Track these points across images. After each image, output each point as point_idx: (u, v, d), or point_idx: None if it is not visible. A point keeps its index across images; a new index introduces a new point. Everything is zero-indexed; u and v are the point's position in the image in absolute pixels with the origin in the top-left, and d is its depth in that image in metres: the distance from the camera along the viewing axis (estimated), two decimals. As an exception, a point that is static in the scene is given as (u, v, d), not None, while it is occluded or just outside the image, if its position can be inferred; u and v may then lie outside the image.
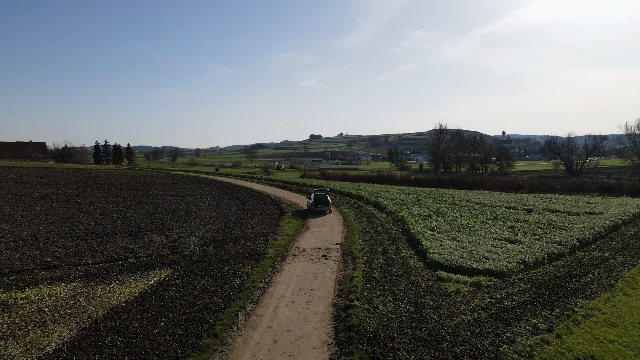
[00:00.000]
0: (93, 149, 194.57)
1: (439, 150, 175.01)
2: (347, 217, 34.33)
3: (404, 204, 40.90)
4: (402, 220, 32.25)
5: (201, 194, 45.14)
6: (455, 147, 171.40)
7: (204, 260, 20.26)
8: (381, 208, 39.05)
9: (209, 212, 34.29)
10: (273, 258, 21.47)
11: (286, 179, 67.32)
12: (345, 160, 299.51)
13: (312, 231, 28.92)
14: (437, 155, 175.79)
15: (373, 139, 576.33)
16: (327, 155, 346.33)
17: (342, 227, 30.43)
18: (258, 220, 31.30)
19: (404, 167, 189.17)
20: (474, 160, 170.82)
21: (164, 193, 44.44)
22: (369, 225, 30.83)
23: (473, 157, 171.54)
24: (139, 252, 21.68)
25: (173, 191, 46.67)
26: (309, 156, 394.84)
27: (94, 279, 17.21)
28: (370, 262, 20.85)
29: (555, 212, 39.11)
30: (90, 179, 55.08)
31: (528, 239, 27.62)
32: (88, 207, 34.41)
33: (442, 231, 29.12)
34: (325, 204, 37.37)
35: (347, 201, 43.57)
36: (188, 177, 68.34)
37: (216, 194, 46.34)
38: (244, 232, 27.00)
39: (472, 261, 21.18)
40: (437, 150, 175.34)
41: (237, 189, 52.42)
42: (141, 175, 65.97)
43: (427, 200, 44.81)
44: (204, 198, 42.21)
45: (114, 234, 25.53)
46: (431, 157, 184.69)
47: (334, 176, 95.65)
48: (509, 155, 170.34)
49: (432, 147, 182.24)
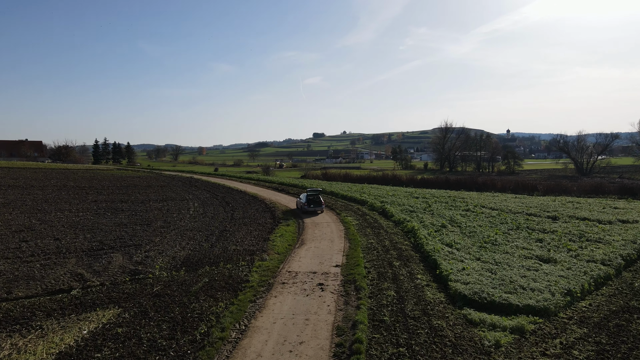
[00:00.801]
0: (92, 147, 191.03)
1: (444, 149, 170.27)
2: (349, 227, 29.85)
3: (413, 211, 36.37)
4: (413, 232, 27.76)
5: (188, 199, 40.78)
6: (461, 145, 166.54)
7: (166, 294, 15.84)
8: (388, 216, 34.56)
9: (192, 221, 29.90)
10: (256, 288, 17.02)
11: (285, 181, 62.85)
12: (348, 158, 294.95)
13: (307, 247, 24.46)
14: (442, 154, 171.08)
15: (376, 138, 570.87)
16: (330, 154, 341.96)
17: (344, 241, 25.94)
18: (246, 233, 26.87)
19: (408, 166, 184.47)
20: (480, 159, 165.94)
21: (147, 198, 40.13)
22: (375, 239, 26.35)
23: (479, 155, 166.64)
24: (90, 280, 17.27)
25: (158, 195, 42.35)
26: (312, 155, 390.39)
27: (8, 326, 12.81)
28: (378, 295, 16.38)
29: (583, 221, 34.54)
30: (70, 181, 50.82)
31: (563, 257, 23.14)
32: (52, 216, 30.08)
33: (462, 247, 24.60)
34: (317, 204, 36.39)
35: (350, 207, 39.09)
36: (180, 178, 63.95)
37: (205, 198, 41.95)
38: (227, 249, 22.56)
39: (506, 293, 16.68)
40: (442, 149, 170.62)
41: (230, 192, 48.04)
42: (129, 177, 61.63)
43: (439, 206, 40.28)
44: (191, 204, 37.84)
45: (69, 252, 21.15)
46: (436, 155, 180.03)
47: (336, 176, 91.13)
48: (516, 153, 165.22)
49: (437, 145, 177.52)
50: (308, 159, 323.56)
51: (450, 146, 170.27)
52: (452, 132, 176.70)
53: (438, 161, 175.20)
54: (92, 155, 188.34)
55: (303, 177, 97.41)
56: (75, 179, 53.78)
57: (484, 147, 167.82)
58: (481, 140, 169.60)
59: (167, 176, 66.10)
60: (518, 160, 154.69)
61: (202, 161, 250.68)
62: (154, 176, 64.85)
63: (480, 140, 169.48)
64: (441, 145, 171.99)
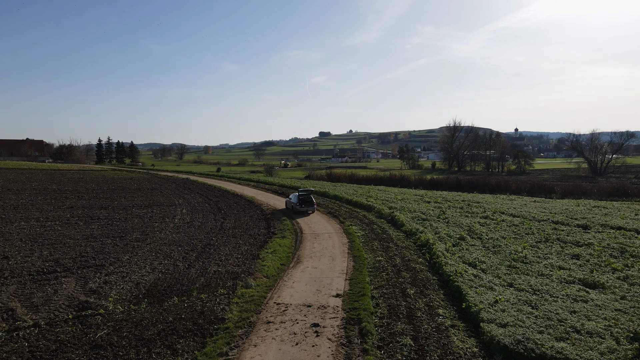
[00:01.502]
0: (96, 147, 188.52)
1: (452, 148, 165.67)
2: (354, 239, 25.88)
3: (426, 219, 32.30)
4: (427, 247, 23.74)
5: (177, 204, 36.97)
6: (470, 144, 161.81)
7: (111, 343, 11.97)
8: (398, 225, 30.53)
9: (174, 232, 26.06)
10: (232, 331, 13.10)
11: (286, 183, 58.84)
12: (354, 158, 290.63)
13: (304, 266, 20.51)
14: (450, 153, 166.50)
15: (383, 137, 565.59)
16: (336, 153, 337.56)
17: (347, 259, 21.95)
18: (234, 247, 22.98)
19: (415, 166, 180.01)
20: (489, 159, 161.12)
21: (132, 203, 36.39)
22: (384, 255, 22.37)
23: (488, 155, 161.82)
24: (20, 319, 13.46)
25: (145, 200, 38.57)
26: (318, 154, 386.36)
27: None
28: (390, 344, 12.40)
29: (619, 230, 30.37)
30: (54, 184, 47.10)
31: (611, 280, 19.11)
32: (14, 226, 26.31)
33: (488, 267, 20.56)
34: (309, 204, 35.85)
35: (355, 214, 35.10)
36: (176, 179, 60.10)
37: (196, 203, 38.11)
38: (206, 270, 18.66)
39: (558, 340, 12.66)
40: (450, 148, 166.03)
41: (225, 195, 44.20)
42: (121, 178, 57.84)
43: (453, 213, 36.18)
44: (178, 210, 34.03)
45: (12, 276, 17.32)
46: (444, 155, 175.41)
47: (341, 177, 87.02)
48: (526, 153, 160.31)
49: (445, 144, 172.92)
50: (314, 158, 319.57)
51: (458, 145, 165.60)
52: (460, 130, 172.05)
53: (446, 160, 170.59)
54: (96, 155, 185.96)
55: (307, 177, 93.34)
56: (61, 181, 50.11)
57: (494, 146, 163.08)
58: (490, 139, 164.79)
59: (163, 177, 62.28)
60: (529, 159, 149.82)
61: (206, 160, 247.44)
62: (148, 177, 61.11)
63: (489, 139, 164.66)
64: (449, 144, 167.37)
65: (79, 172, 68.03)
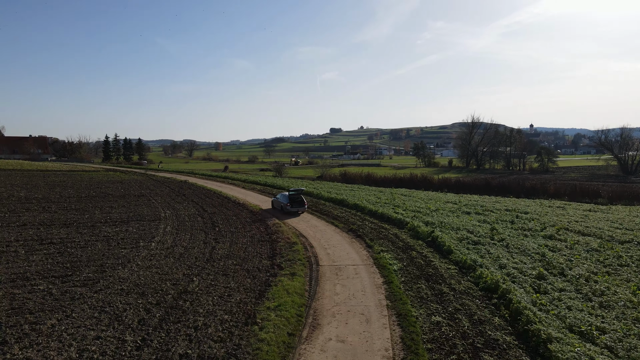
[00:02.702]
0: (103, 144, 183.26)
1: (470, 145, 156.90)
2: (391, 279, 18.40)
3: (478, 242, 24.63)
4: (501, 296, 16.20)
5: (163, 218, 29.70)
6: (489, 141, 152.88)
7: None
8: (443, 251, 22.95)
9: (143, 267, 18.80)
10: None
11: (297, 186, 51.38)
12: (367, 154, 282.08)
13: (324, 338, 13.11)
14: (468, 150, 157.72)
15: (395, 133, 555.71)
16: (348, 150, 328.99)
17: (389, 320, 14.42)
18: (220, 297, 15.65)
19: (431, 163, 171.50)
20: (509, 156, 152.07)
21: (107, 217, 29.21)
22: (441, 312, 14.91)
23: (509, 152, 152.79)
24: None
25: (125, 212, 31.37)
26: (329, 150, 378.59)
27: None
28: None
29: None
30: (23, 190, 39.60)
31: None
32: None
33: (613, 341, 13.02)
34: (299, 204, 34.44)
35: (383, 231, 27.58)
36: (171, 182, 52.56)
37: (187, 217, 30.86)
38: (166, 356, 11.41)
39: None
40: (468, 145, 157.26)
41: (225, 204, 36.87)
42: (109, 182, 50.26)
43: (506, 229, 28.50)
44: (161, 227, 26.80)
45: None
46: (461, 152, 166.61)
47: (357, 178, 79.21)
48: (549, 150, 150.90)
49: (462, 141, 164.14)
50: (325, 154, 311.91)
51: (477, 142, 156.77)
52: (478, 127, 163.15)
53: (463, 158, 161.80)
54: (103, 152, 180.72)
55: (319, 178, 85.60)
56: (36, 186, 42.98)
57: (514, 143, 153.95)
58: (511, 136, 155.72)
59: (158, 180, 54.88)
60: (552, 156, 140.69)
61: (216, 157, 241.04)
62: (141, 180, 53.96)
63: (510, 135, 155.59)
64: (467, 141, 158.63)
65: (66, 173, 60.98)
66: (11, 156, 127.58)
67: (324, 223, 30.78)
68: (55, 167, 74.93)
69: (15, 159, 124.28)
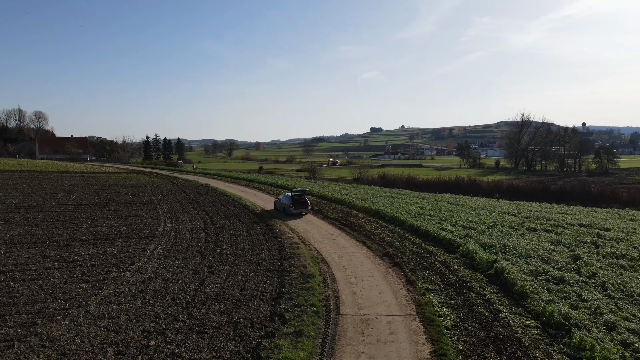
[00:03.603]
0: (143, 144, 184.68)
1: (519, 145, 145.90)
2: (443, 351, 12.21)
3: (561, 279, 17.90)
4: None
5: (159, 234, 24.43)
6: (542, 140, 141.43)
7: None
8: (514, 293, 16.40)
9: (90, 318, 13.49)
10: None
11: (328, 192, 45.30)
12: (407, 154, 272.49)
13: None
14: (517, 150, 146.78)
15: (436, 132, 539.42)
16: (388, 149, 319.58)
17: None
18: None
19: (476, 164, 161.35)
20: (563, 156, 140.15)
21: (93, 232, 24.08)
22: None
23: (563, 152, 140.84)
24: None
25: (120, 225, 26.27)
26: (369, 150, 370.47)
27: None
28: None
29: None
30: (22, 194, 35.90)
31: None
32: None
33: None
34: (302, 205, 32.99)
35: (428, 258, 21.28)
36: (191, 186, 47.26)
37: (188, 232, 25.38)
38: None
39: None
40: (517, 145, 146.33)
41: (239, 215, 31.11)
42: (122, 185, 45.17)
43: (593, 256, 21.51)
44: (152, 246, 21.56)
45: None
46: (509, 152, 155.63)
47: (396, 181, 72.41)
48: (609, 149, 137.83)
49: (510, 140, 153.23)
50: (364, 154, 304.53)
51: (527, 141, 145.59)
52: (529, 125, 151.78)
53: (511, 158, 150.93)
54: (143, 152, 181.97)
55: (356, 180, 79.27)
56: (36, 191, 38.16)
57: (568, 142, 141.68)
58: (565, 135, 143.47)
59: (177, 183, 49.77)
60: (612, 157, 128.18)
61: (254, 157, 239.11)
62: (159, 183, 49.32)
63: (564, 134, 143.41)
64: (515, 140, 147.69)
65: (85, 175, 57.37)
66: (53, 156, 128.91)
67: (353, 243, 24.76)
68: (79, 168, 72.32)
69: (57, 159, 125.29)
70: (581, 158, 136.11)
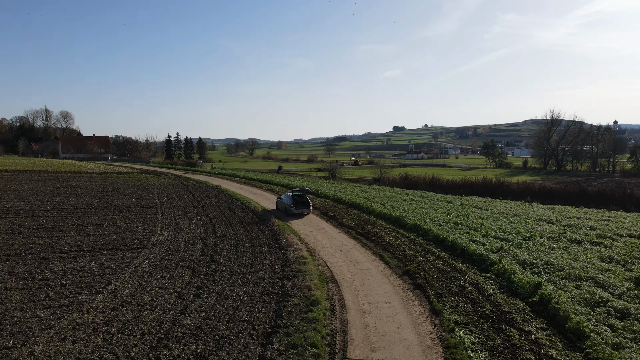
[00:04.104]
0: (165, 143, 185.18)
1: (548, 144, 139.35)
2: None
3: (625, 312, 14.44)
4: None
5: (150, 245, 21.99)
6: (573, 139, 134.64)
7: None
8: (567, 332, 13.00)
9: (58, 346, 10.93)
10: None
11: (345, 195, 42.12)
12: (431, 154, 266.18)
13: None
14: (546, 150, 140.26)
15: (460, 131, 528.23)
16: (411, 149, 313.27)
17: None
18: None
19: (503, 164, 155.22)
20: (596, 156, 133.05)
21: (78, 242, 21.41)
22: None
23: (595, 151, 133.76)
24: None
25: (107, 234, 23.34)
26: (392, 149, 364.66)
27: None
28: None
29: None
30: (16, 199, 33.38)
31: None
32: None
33: None
34: (304, 205, 31.93)
35: (457, 278, 17.95)
36: (201, 188, 44.05)
37: (182, 243, 22.96)
38: None
39: None
40: (546, 144, 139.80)
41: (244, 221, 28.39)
42: (129, 187, 42.74)
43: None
44: (137, 261, 19.02)
45: None
46: (537, 151, 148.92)
47: (419, 182, 68.60)
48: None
49: (539, 139, 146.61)
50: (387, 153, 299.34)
51: (557, 140, 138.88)
52: (558, 124, 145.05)
53: (540, 158, 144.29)
54: (165, 151, 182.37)
55: (377, 181, 75.77)
56: (34, 193, 34.77)
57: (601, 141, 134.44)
58: (598, 133, 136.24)
59: (187, 184, 46.67)
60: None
61: (275, 156, 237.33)
62: (169, 185, 46.38)
63: (597, 133, 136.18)
64: (545, 139, 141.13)
65: (93, 176, 55.12)
66: (75, 155, 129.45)
67: (369, 257, 21.59)
68: (91, 168, 70.44)
69: (79, 158, 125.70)
70: (615, 157, 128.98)
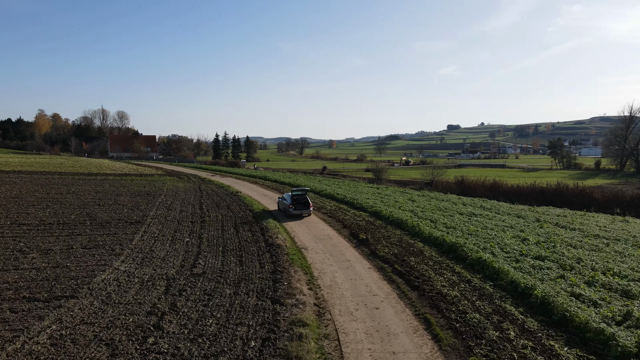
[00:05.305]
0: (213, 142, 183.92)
1: (626, 142, 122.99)
2: None
3: None
4: None
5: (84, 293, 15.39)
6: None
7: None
8: None
9: None
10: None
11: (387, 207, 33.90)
12: (488, 153, 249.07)
13: None
14: (623, 149, 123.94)
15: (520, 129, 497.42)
16: (467, 148, 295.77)
17: None
18: None
19: (571, 165, 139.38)
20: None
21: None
22: None
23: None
24: None
25: (37, 271, 17.81)
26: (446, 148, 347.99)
27: None
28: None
29: None
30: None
31: None
32: None
33: None
34: (303, 205, 30.39)
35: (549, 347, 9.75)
36: (217, 195, 36.70)
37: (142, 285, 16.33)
38: None
39: None
40: (623, 143, 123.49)
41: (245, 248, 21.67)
42: (134, 194, 35.76)
43: None
44: (35, 328, 12.48)
45: None
46: (610, 151, 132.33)
47: (478, 187, 58.70)
48: None
49: (615, 138, 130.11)
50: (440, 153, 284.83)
51: (637, 139, 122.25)
52: (637, 121, 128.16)
53: (616, 158, 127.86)
54: (213, 150, 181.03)
55: (428, 185, 66.42)
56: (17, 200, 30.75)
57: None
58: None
59: (205, 190, 40.07)
60: None
61: (324, 155, 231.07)
62: (186, 189, 40.57)
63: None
64: (622, 137, 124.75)
65: (104, 179, 50.16)
66: (122, 154, 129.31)
67: (409, 322, 13.61)
68: (114, 169, 66.39)
69: (126, 157, 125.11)
70: None
